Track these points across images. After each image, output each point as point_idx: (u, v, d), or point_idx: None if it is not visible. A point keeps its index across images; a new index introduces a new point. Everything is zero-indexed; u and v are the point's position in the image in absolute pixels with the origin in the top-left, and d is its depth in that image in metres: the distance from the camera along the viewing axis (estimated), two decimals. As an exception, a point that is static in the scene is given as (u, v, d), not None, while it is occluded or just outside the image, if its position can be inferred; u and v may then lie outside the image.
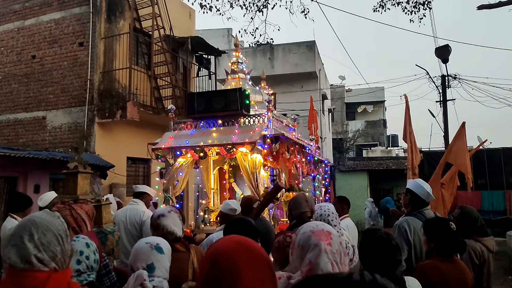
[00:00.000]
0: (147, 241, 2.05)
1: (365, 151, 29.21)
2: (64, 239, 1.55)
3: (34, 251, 1.47)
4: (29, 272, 1.45)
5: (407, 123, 6.60)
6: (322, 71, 21.34)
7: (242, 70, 6.84)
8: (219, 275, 1.17)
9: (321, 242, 1.58)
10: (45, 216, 1.56)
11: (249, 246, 1.25)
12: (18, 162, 7.26)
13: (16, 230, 1.52)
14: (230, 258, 1.18)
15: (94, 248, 2.17)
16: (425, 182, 3.48)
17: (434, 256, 2.64)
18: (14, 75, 10.36)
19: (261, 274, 1.19)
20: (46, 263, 1.48)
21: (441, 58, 14.09)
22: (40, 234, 1.49)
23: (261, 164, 5.56)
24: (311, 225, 1.71)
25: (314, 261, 1.55)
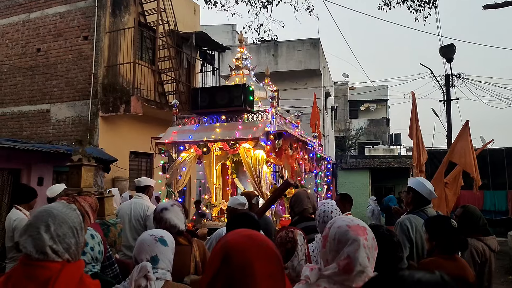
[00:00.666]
0: (151, 234, 2.07)
1: (368, 149, 29.19)
2: (79, 232, 1.58)
3: (50, 242, 1.49)
4: (43, 263, 1.48)
5: (413, 120, 6.58)
6: (326, 69, 21.31)
7: (246, 66, 6.84)
8: (231, 271, 1.17)
9: (359, 237, 1.62)
10: (62, 208, 1.58)
11: (260, 241, 1.26)
12: (22, 154, 7.29)
13: (33, 220, 1.54)
14: (242, 254, 1.19)
15: (98, 240, 2.19)
16: (428, 180, 3.48)
17: (435, 254, 2.65)
18: (19, 67, 10.40)
19: (272, 270, 1.20)
20: (60, 255, 1.51)
21: (446, 57, 14.03)
22: (57, 226, 1.52)
23: (264, 160, 5.57)
24: (346, 219, 1.73)
25: (353, 255, 1.59)
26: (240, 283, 1.16)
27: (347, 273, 1.58)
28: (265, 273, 1.18)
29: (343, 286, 1.59)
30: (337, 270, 1.59)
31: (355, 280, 1.58)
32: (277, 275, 1.21)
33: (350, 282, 1.58)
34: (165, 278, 1.96)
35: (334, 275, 1.61)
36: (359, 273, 1.58)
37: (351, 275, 1.58)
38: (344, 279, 1.59)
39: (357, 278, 1.58)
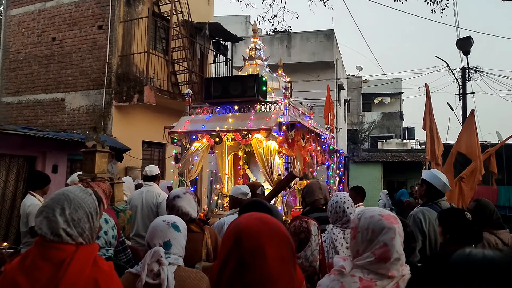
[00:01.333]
0: (164, 219, 2.09)
1: (380, 143, 28.95)
2: (94, 217, 1.60)
3: (64, 226, 1.52)
4: (58, 244, 1.51)
5: (427, 112, 6.50)
6: (339, 61, 21.13)
7: (259, 56, 6.81)
8: (242, 253, 1.18)
9: (394, 225, 1.65)
10: (78, 192, 1.61)
11: (272, 224, 1.26)
12: (37, 142, 7.39)
13: (50, 202, 1.57)
14: (254, 237, 1.19)
15: (112, 224, 2.21)
16: (441, 172, 3.44)
17: (449, 247, 2.62)
18: (35, 56, 10.51)
19: (284, 254, 1.20)
20: (74, 238, 1.54)
21: (462, 50, 13.79)
22: (72, 210, 1.54)
23: (276, 151, 5.56)
24: (376, 210, 1.75)
25: (390, 243, 1.62)
26: (252, 265, 1.16)
27: (383, 261, 1.61)
28: (277, 257, 1.18)
29: (378, 275, 1.61)
30: (373, 259, 1.62)
31: (391, 268, 1.61)
32: (289, 259, 1.21)
33: (386, 270, 1.61)
34: (178, 263, 1.98)
35: (369, 264, 1.63)
36: (395, 260, 1.61)
37: (388, 262, 1.60)
38: (379, 268, 1.61)
39: (393, 266, 1.61)
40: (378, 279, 1.61)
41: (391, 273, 1.60)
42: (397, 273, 1.61)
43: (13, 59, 10.98)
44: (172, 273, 1.91)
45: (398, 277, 1.62)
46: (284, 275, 1.17)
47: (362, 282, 1.62)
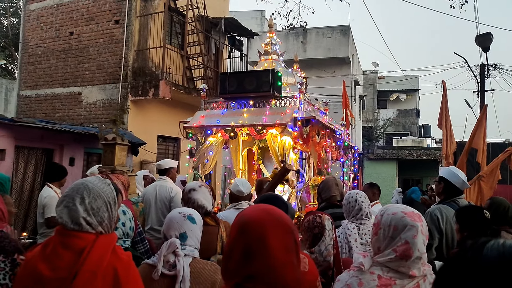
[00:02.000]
0: (180, 211, 2.11)
1: (395, 140, 28.66)
2: (113, 206, 1.63)
3: (84, 214, 1.55)
4: (78, 233, 1.54)
5: (443, 109, 6.42)
6: (355, 57, 20.95)
7: (275, 51, 6.79)
8: (247, 242, 1.20)
9: (417, 222, 1.63)
10: (97, 182, 1.64)
11: (276, 215, 1.27)
12: (55, 135, 7.51)
13: (69, 191, 1.60)
14: (258, 226, 1.21)
15: (130, 216, 2.24)
16: (460, 170, 3.39)
17: (466, 245, 2.58)
18: (53, 50, 10.65)
19: (287, 244, 1.21)
20: (94, 227, 1.57)
21: (482, 46, 13.54)
22: (91, 199, 1.57)
23: (291, 146, 5.54)
24: (399, 207, 1.73)
25: (411, 241, 1.59)
26: (256, 255, 1.17)
27: (404, 258, 1.58)
28: (281, 247, 1.19)
29: (398, 273, 1.59)
30: (393, 256, 1.60)
31: (412, 267, 1.58)
32: (292, 249, 1.22)
33: (407, 269, 1.58)
34: (193, 255, 1.99)
35: (389, 262, 1.61)
36: (416, 259, 1.59)
37: (408, 260, 1.58)
38: (400, 265, 1.59)
39: (414, 264, 1.59)
40: (398, 278, 1.59)
41: (412, 272, 1.58)
42: (418, 272, 1.59)
43: (32, 53, 11.15)
44: (188, 264, 1.93)
45: (419, 277, 1.59)
46: (287, 265, 1.18)
47: (381, 280, 1.60)
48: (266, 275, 1.15)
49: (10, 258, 1.81)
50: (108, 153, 3.52)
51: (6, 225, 2.57)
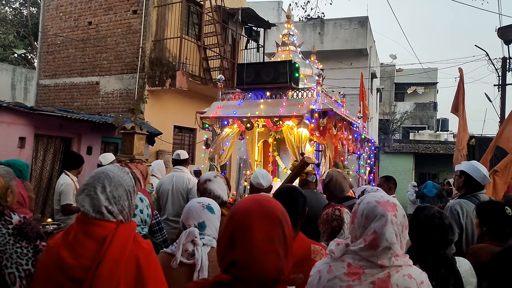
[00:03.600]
0: (199, 201, 2.12)
1: (412, 134, 28.29)
2: (132, 195, 1.65)
3: (106, 203, 1.56)
4: (100, 221, 1.56)
5: (460, 95, 6.26)
6: (373, 49, 20.68)
7: (292, 42, 6.73)
8: (232, 229, 1.24)
9: (387, 212, 1.60)
10: (117, 171, 1.65)
11: (266, 205, 1.28)
12: (73, 124, 7.61)
13: (90, 180, 1.61)
14: (244, 215, 1.25)
15: (147, 203, 2.26)
16: (481, 164, 3.32)
17: (487, 240, 2.54)
18: (72, 40, 10.76)
19: (271, 234, 1.22)
20: (115, 215, 1.58)
21: (504, 39, 13.22)
22: (112, 188, 1.59)
23: (307, 138, 5.51)
24: (376, 195, 1.71)
25: (380, 231, 1.58)
26: (239, 241, 1.21)
27: (373, 248, 1.57)
28: (264, 236, 1.21)
29: (368, 262, 1.58)
30: (363, 246, 1.59)
31: (380, 256, 1.56)
32: (278, 240, 1.23)
33: (376, 258, 1.57)
34: (211, 244, 2.00)
35: (360, 251, 1.60)
36: (385, 249, 1.56)
37: (377, 250, 1.56)
38: (370, 255, 1.58)
39: (383, 254, 1.56)
40: (368, 267, 1.57)
41: (381, 262, 1.55)
42: (387, 263, 1.55)
43: (51, 42, 11.28)
44: (206, 253, 1.94)
45: (391, 267, 1.56)
46: (269, 254, 1.20)
47: (350, 268, 1.59)
48: (247, 262, 1.18)
49: (32, 245, 1.84)
50: (127, 142, 3.56)
51: (27, 211, 2.62)
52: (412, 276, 1.56)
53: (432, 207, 2.14)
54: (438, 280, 1.93)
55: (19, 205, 2.48)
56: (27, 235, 2.02)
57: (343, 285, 1.56)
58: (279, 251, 1.22)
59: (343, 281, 1.57)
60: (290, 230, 1.30)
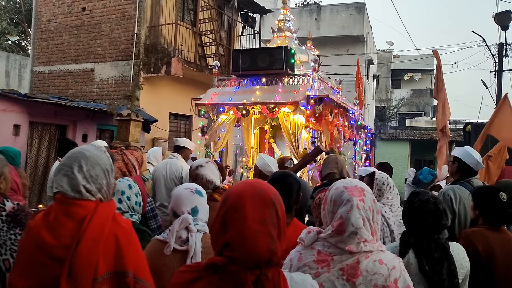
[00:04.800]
0: (186, 187, 2.12)
1: (409, 120, 28.30)
2: (110, 173, 1.65)
3: (83, 182, 1.57)
4: (78, 201, 1.56)
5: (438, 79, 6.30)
6: (369, 35, 20.57)
7: (288, 28, 6.68)
8: (225, 212, 1.25)
9: (353, 197, 1.59)
10: (93, 150, 1.65)
11: (259, 188, 1.29)
12: (68, 111, 7.57)
13: (66, 160, 1.61)
14: (236, 196, 1.26)
15: (136, 191, 2.26)
16: (474, 150, 3.32)
17: (480, 225, 2.56)
18: (65, 26, 10.63)
19: (264, 215, 1.23)
20: (94, 194, 1.59)
21: (501, 25, 13.17)
22: (89, 167, 1.59)
23: (303, 125, 5.50)
24: (345, 181, 1.71)
25: (345, 216, 1.57)
26: (231, 223, 1.23)
27: (339, 234, 1.56)
28: (257, 217, 1.22)
29: (337, 249, 1.58)
30: (331, 232, 1.58)
31: (347, 242, 1.56)
32: (271, 221, 1.24)
33: (343, 244, 1.56)
34: (204, 230, 2.01)
35: (329, 237, 1.59)
36: (351, 234, 1.55)
37: (343, 236, 1.56)
38: (338, 241, 1.57)
39: (350, 239, 1.55)
40: (337, 254, 1.57)
41: (348, 247, 1.54)
42: (355, 248, 1.54)
43: (45, 29, 11.15)
44: (200, 239, 1.94)
45: (360, 254, 1.55)
46: (261, 235, 1.21)
47: (319, 255, 1.59)
48: (239, 244, 1.20)
49: None
50: (123, 129, 3.54)
51: (21, 197, 2.61)
52: (383, 262, 1.55)
53: (426, 192, 2.15)
54: (432, 264, 1.94)
55: (13, 192, 2.47)
56: (20, 221, 2.02)
57: (312, 273, 1.55)
58: (272, 232, 1.23)
59: (312, 269, 1.56)
60: (283, 212, 1.30)
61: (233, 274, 1.20)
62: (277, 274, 1.24)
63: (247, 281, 1.18)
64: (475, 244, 2.37)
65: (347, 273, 1.53)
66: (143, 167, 3.88)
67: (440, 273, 1.91)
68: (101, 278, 1.48)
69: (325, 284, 1.53)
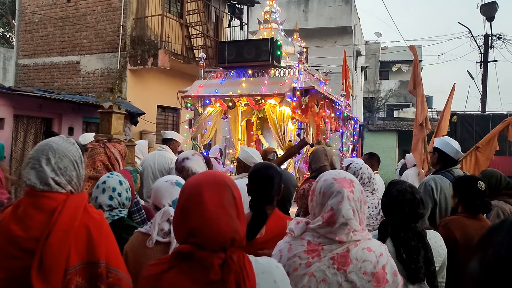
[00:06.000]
0: (166, 180, 2.12)
1: (397, 111, 28.50)
2: (80, 165, 1.64)
3: (52, 174, 1.56)
4: (48, 193, 1.55)
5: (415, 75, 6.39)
6: (357, 26, 20.60)
7: (275, 20, 6.66)
8: (185, 200, 1.30)
9: (343, 189, 1.62)
10: (61, 142, 1.63)
11: (216, 176, 1.35)
12: (53, 104, 7.49)
13: (33, 153, 1.60)
14: (194, 185, 1.32)
15: (126, 186, 2.26)
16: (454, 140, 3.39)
17: (460, 213, 2.62)
18: (50, 18, 10.47)
19: (222, 198, 1.28)
20: (63, 186, 1.58)
21: (486, 16, 13.30)
22: (57, 159, 1.58)
23: (290, 117, 5.52)
24: (333, 172, 1.73)
25: (336, 207, 1.59)
26: (192, 209, 1.26)
27: (330, 225, 1.59)
28: (215, 201, 1.27)
29: (326, 239, 1.61)
30: (321, 223, 1.61)
31: (338, 233, 1.59)
32: (229, 204, 1.29)
33: (333, 235, 1.59)
34: (186, 222, 2.02)
35: (319, 228, 1.62)
36: (342, 225, 1.58)
37: (334, 227, 1.59)
38: (328, 232, 1.60)
39: (340, 230, 1.59)
40: (326, 243, 1.60)
41: (339, 238, 1.58)
42: (345, 238, 1.59)
43: (29, 21, 10.97)
44: (181, 231, 1.96)
45: (349, 242, 1.59)
46: (222, 216, 1.25)
47: (309, 245, 1.62)
48: (202, 228, 1.23)
49: None
50: (105, 122, 3.52)
51: (4, 190, 2.60)
52: (371, 249, 1.60)
53: (404, 182, 2.19)
54: (409, 252, 1.98)
55: (-5, 186, 2.46)
56: (1, 215, 2.02)
57: (303, 263, 1.59)
58: (231, 213, 1.28)
59: (302, 259, 1.60)
60: (239, 194, 1.34)
61: (200, 260, 1.23)
62: (242, 257, 1.27)
63: (213, 264, 1.22)
64: (453, 232, 2.43)
65: (338, 262, 1.57)
66: (130, 159, 3.88)
67: (416, 260, 1.96)
68: (73, 268, 1.49)
69: (316, 273, 1.57)
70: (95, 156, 2.85)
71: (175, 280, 1.25)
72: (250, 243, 2.11)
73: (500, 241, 0.63)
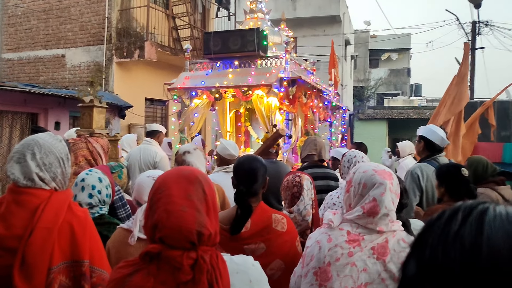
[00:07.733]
0: (148, 175, 2.09)
1: (387, 100, 28.61)
2: (65, 162, 1.60)
3: (36, 170, 1.52)
4: (31, 190, 1.52)
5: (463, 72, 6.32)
6: (346, 15, 20.52)
7: (261, 9, 6.61)
8: (153, 194, 1.28)
9: (386, 180, 1.65)
10: (48, 138, 1.60)
11: (185, 170, 1.34)
12: (39, 99, 7.38)
13: (19, 147, 1.56)
14: (162, 179, 1.31)
15: (106, 183, 2.21)
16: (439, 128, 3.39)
17: (445, 201, 2.62)
18: (33, 11, 10.27)
19: (189, 191, 1.26)
20: (47, 182, 1.54)
21: (473, 3, 13.32)
22: (43, 155, 1.54)
23: (277, 107, 5.50)
24: (371, 165, 1.76)
25: (379, 198, 1.62)
26: (158, 202, 1.24)
27: (371, 215, 1.63)
28: (182, 193, 1.25)
29: (366, 229, 1.64)
30: (361, 213, 1.64)
31: (379, 223, 1.63)
32: (196, 195, 1.27)
33: (374, 225, 1.63)
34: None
35: (358, 219, 1.65)
36: (383, 216, 1.63)
37: (375, 217, 1.62)
38: (368, 222, 1.64)
39: (381, 221, 1.63)
40: (366, 234, 1.63)
41: (379, 228, 1.62)
42: (386, 228, 1.63)
43: (12, 14, 10.75)
44: (164, 227, 1.93)
45: (388, 233, 1.64)
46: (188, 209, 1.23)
47: (349, 235, 1.64)
48: (166, 220, 1.20)
49: None
50: (86, 116, 3.46)
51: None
52: (405, 241, 1.65)
53: (387, 172, 2.18)
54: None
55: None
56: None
57: (345, 252, 1.61)
58: (199, 207, 1.24)
59: (344, 249, 1.62)
60: (211, 190, 1.31)
61: (170, 260, 1.19)
62: (215, 257, 1.23)
63: (183, 265, 1.17)
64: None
65: (377, 252, 1.61)
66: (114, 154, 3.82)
67: (400, 249, 1.96)
68: (57, 267, 1.46)
69: (358, 263, 1.61)
70: (77, 151, 2.79)
71: (141, 283, 1.21)
72: (235, 237, 2.09)
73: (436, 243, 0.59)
